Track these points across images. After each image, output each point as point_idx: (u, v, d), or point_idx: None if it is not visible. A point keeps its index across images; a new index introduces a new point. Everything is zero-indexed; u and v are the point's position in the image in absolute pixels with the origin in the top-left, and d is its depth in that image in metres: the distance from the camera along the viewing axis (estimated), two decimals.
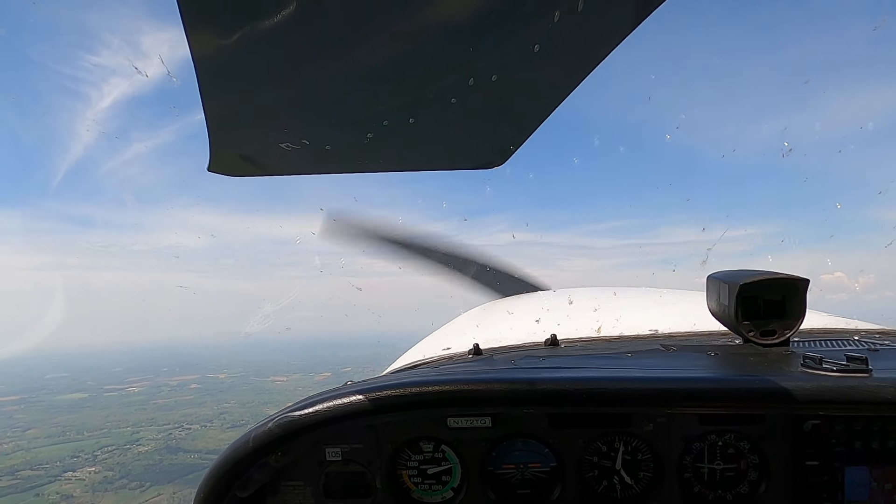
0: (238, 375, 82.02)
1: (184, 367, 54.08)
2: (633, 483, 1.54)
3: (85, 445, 48.72)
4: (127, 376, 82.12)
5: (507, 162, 1.48)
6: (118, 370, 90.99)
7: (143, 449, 47.32)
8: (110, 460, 44.89)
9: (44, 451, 47.26)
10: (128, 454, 46.30)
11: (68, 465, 44.08)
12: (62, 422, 55.21)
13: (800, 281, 1.63)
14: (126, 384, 75.51)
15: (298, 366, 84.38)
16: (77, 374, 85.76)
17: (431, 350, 2.21)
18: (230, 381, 78.06)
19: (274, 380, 74.10)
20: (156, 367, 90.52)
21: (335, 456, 1.55)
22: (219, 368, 67.95)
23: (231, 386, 74.68)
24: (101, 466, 43.51)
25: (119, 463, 44.21)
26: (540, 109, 1.26)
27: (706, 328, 2.03)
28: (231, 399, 63.04)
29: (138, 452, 46.50)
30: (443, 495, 1.58)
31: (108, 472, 42.32)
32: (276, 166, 1.25)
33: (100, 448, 47.95)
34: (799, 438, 1.43)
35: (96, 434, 51.71)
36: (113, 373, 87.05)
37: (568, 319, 2.33)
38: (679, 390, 1.30)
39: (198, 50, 0.84)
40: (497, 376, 1.38)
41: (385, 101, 1.10)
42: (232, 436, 1.59)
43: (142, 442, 49.31)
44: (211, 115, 1.00)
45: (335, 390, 1.42)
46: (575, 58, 1.11)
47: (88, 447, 48.22)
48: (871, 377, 1.26)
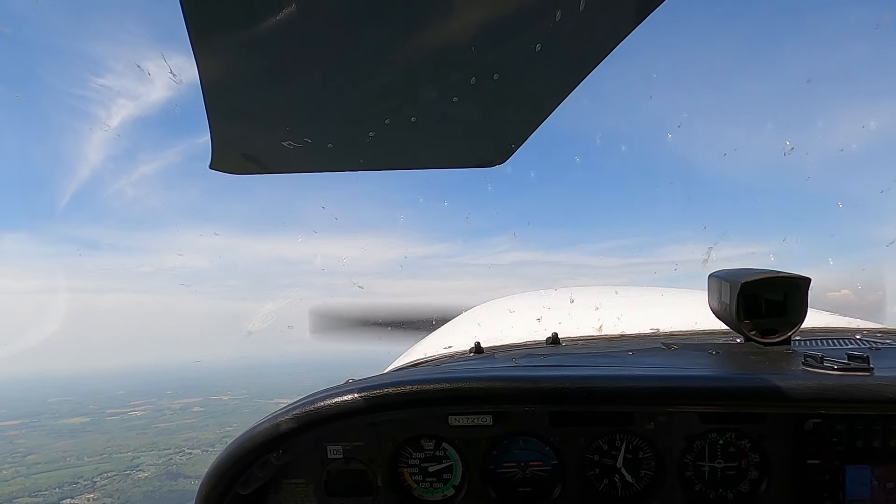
0: (241, 398, 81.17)
1: (187, 390, 53.32)
2: (634, 481, 1.53)
3: (84, 471, 48.17)
4: (130, 399, 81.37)
5: (507, 161, 1.51)
6: (121, 393, 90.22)
7: (143, 475, 46.71)
8: (109, 486, 44.29)
9: (43, 477, 46.67)
10: (127, 480, 45.69)
11: (67, 491, 43.47)
12: (63, 447, 54.59)
13: (801, 279, 1.63)
14: (128, 408, 74.73)
15: (303, 387, 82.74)
16: (80, 398, 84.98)
17: (433, 348, 2.22)
18: (233, 404, 77.23)
19: (278, 402, 71.95)
20: (159, 391, 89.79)
21: (336, 454, 1.55)
22: (222, 390, 67.23)
23: (234, 408, 73.86)
24: (99, 493, 42.89)
25: (118, 489, 43.57)
26: (541, 108, 1.29)
27: (707, 327, 2.03)
28: (234, 422, 62.24)
29: (138, 478, 45.87)
30: (444, 493, 1.58)
31: (107, 498, 41.70)
32: (278, 164, 1.27)
33: (99, 474, 47.41)
34: (800, 437, 1.42)
35: (96, 459, 51.11)
36: (116, 396, 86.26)
37: (569, 318, 2.33)
38: (680, 389, 1.29)
39: (200, 47, 0.87)
40: (498, 374, 1.38)
41: (387, 99, 1.13)
42: None
43: (142, 468, 48.72)
44: (213, 113, 1.02)
45: (336, 388, 1.43)
46: (576, 57, 1.13)
47: (88, 473, 47.66)
48: (872, 376, 1.25)
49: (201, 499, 1.43)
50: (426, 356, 2.11)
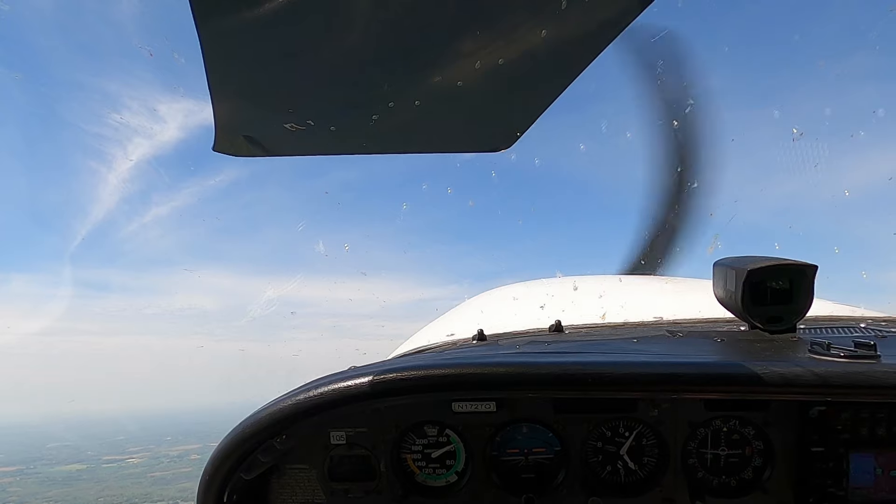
0: None
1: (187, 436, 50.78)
2: (637, 468, 1.54)
3: None
4: (128, 446, 78.81)
5: (511, 147, 1.49)
6: (120, 439, 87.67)
7: None
8: None
9: None
10: None
11: None
12: (55, 496, 52.39)
13: (808, 267, 1.62)
14: (126, 454, 72.34)
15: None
16: (79, 443, 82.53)
17: (435, 336, 2.22)
18: None
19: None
20: (158, 436, 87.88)
21: (339, 439, 1.55)
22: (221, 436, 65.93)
23: None
24: None
25: None
26: (545, 95, 1.27)
27: (712, 315, 2.02)
28: None
29: None
30: (447, 479, 1.58)
31: None
32: (281, 147, 1.25)
33: None
34: (804, 425, 1.42)
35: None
36: (115, 441, 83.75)
37: (572, 306, 2.33)
38: (685, 375, 1.29)
39: (204, 26, 0.85)
40: (502, 360, 1.38)
41: (390, 83, 1.11)
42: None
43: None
44: (216, 94, 1.01)
45: (340, 373, 1.42)
46: (581, 43, 1.12)
47: None
48: (879, 363, 1.25)
49: (204, 483, 1.44)
50: (429, 343, 2.10)
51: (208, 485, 1.44)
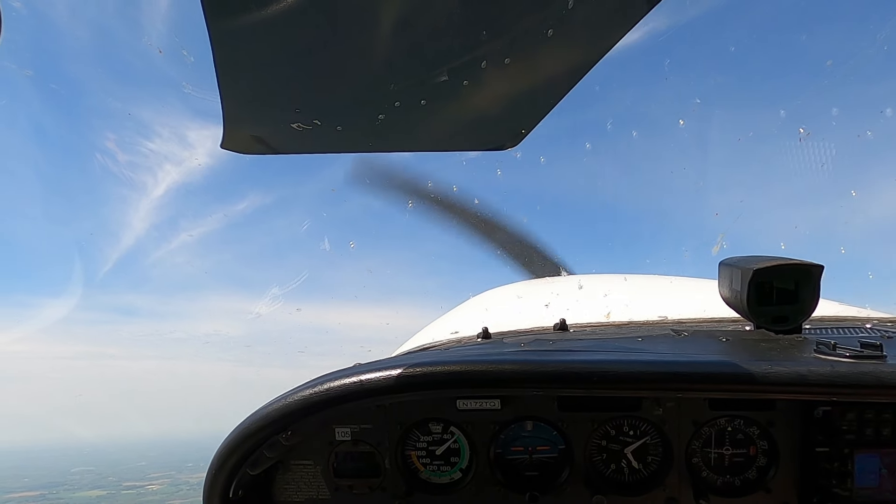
0: None
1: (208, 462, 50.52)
2: (641, 467, 1.54)
3: None
4: (150, 472, 77.71)
5: (518, 146, 1.49)
6: (142, 464, 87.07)
7: None
8: None
9: None
10: None
11: None
12: None
13: (814, 267, 1.61)
14: (146, 481, 71.31)
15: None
16: (102, 468, 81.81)
17: (440, 334, 2.22)
18: None
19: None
20: (180, 462, 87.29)
21: (344, 436, 1.56)
22: None
23: None
24: None
25: None
26: (552, 93, 1.27)
27: (717, 315, 2.02)
28: None
29: None
30: (451, 476, 1.59)
31: None
32: (288, 145, 1.26)
33: None
34: (809, 425, 1.42)
35: None
36: (137, 467, 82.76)
37: (577, 304, 2.33)
38: (691, 374, 1.29)
39: (215, 25, 0.86)
40: (507, 357, 1.38)
41: (397, 81, 1.12)
42: None
43: None
44: (225, 92, 1.02)
45: (345, 370, 1.43)
46: (587, 42, 1.12)
47: None
48: (885, 363, 1.24)
49: (210, 478, 1.45)
50: (433, 341, 2.11)
51: (214, 480, 1.45)
